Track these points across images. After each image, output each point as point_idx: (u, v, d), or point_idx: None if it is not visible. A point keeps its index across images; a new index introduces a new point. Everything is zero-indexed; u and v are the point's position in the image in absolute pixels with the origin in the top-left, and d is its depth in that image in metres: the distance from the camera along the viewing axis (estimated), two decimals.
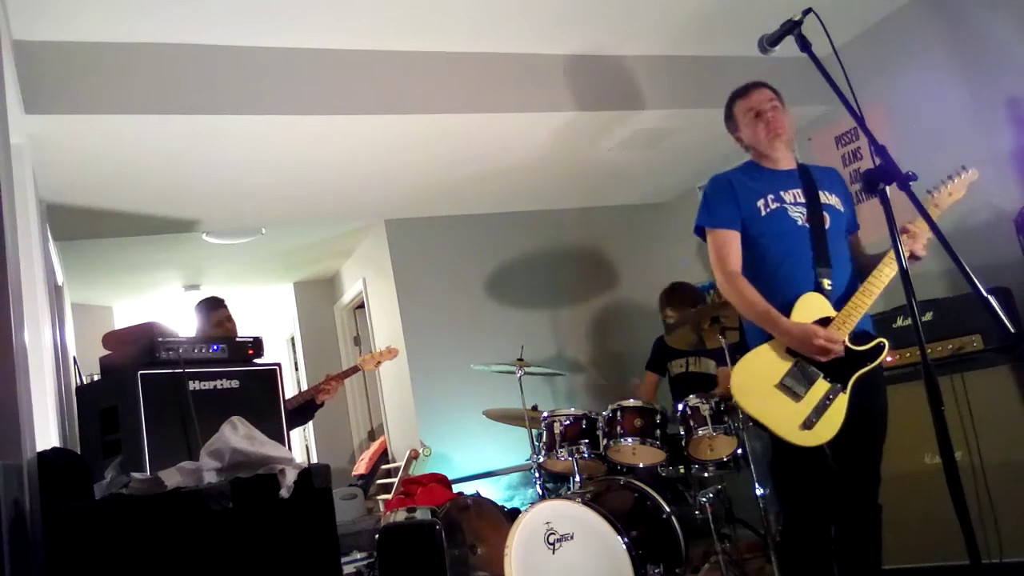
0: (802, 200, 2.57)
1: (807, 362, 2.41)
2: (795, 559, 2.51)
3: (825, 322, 2.43)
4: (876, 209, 2.04)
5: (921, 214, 1.99)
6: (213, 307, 3.94)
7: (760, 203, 2.58)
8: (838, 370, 2.41)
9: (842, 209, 2.63)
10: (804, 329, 2.39)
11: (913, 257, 2.43)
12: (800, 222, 2.55)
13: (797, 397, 2.38)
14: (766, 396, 2.39)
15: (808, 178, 2.62)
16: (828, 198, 2.61)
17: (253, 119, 3.47)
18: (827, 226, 2.54)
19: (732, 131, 2.74)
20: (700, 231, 2.69)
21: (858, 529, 2.47)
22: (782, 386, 2.40)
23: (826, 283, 2.47)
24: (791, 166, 2.67)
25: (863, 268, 2.57)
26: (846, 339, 2.40)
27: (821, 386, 2.40)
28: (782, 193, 2.58)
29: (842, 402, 2.38)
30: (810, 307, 2.45)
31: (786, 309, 2.45)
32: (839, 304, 2.45)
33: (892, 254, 2.41)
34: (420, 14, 3.44)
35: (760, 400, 2.40)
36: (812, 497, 2.44)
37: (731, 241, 2.58)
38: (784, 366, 2.42)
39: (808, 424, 2.35)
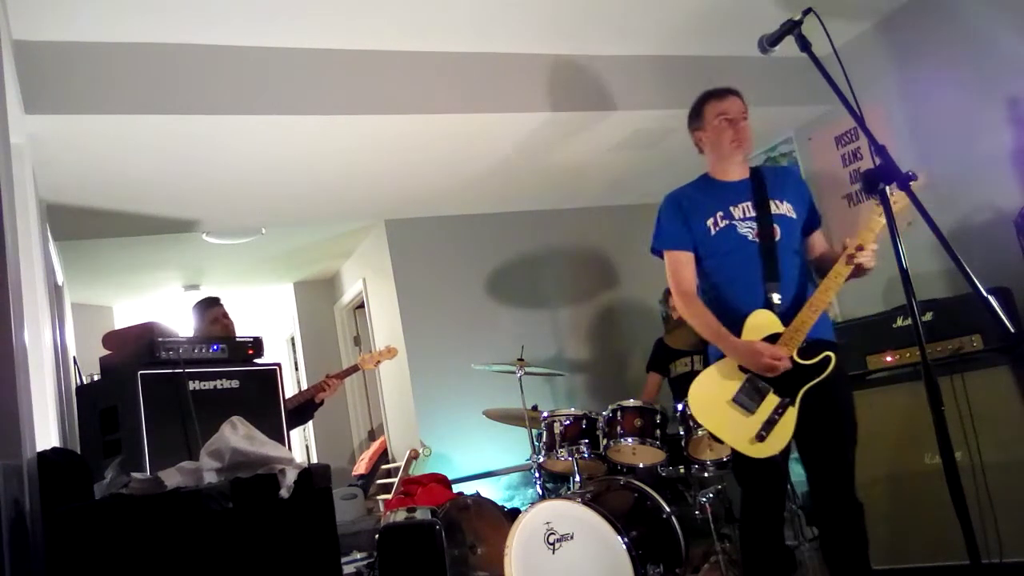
0: (752, 214, 2.60)
1: (758, 378, 2.48)
2: (750, 540, 2.63)
3: (775, 338, 2.47)
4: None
5: (920, 213, 1.99)
6: (208, 305, 3.96)
7: (710, 222, 2.62)
8: (787, 384, 2.47)
9: (795, 216, 2.63)
10: (749, 348, 2.47)
11: (862, 270, 2.42)
12: (751, 237, 2.58)
13: (749, 412, 2.48)
14: (721, 412, 2.52)
15: (760, 187, 2.63)
16: (779, 207, 2.61)
17: (253, 119, 3.47)
18: (778, 238, 2.57)
19: (694, 128, 2.75)
20: (657, 251, 2.73)
21: (840, 528, 2.50)
22: (735, 402, 2.50)
23: (775, 298, 2.52)
24: (743, 176, 2.69)
25: (823, 265, 2.60)
26: (793, 354, 2.45)
27: (771, 400, 2.47)
28: (731, 209, 2.61)
29: (791, 415, 2.45)
30: (759, 325, 2.50)
31: (737, 327, 2.51)
32: (789, 317, 2.48)
33: (837, 268, 2.42)
34: (420, 14, 3.44)
35: (715, 416, 2.54)
36: (764, 493, 2.58)
37: (684, 262, 2.66)
38: (736, 383, 2.51)
39: (760, 437, 2.45)
